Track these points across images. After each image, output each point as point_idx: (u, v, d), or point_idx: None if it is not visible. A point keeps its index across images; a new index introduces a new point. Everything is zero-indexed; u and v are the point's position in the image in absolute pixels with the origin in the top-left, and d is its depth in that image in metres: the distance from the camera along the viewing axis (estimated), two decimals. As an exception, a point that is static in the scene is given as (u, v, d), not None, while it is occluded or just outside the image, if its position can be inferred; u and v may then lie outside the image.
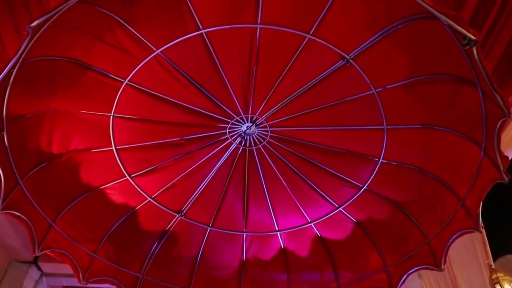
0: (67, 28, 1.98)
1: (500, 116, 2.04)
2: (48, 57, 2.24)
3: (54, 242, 3.14)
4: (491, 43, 2.65)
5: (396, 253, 3.40)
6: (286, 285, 3.97)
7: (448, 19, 1.77)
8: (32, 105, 2.47)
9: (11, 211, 2.70)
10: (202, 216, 3.78)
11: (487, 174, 2.45)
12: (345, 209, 3.54)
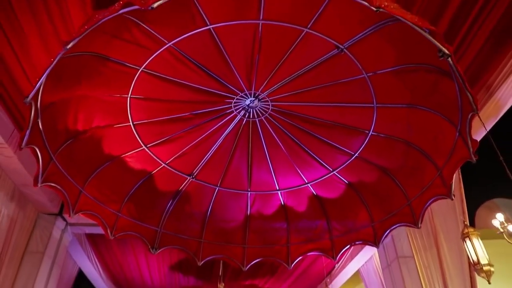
0: (89, 32, 2.24)
1: (470, 110, 2.37)
2: (74, 54, 2.51)
3: (85, 205, 3.62)
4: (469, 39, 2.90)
5: (382, 211, 3.89)
6: (286, 236, 4.54)
7: (426, 34, 2.02)
8: (60, 94, 2.78)
9: (48, 183, 3.14)
10: (211, 177, 4.23)
11: (460, 152, 2.82)
12: (338, 172, 3.97)
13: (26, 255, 5.24)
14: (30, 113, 2.50)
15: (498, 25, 3.28)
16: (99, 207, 3.78)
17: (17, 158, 4.42)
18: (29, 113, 2.51)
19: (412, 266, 5.20)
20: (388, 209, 3.82)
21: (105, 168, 3.69)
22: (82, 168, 3.53)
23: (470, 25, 3.30)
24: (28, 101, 2.34)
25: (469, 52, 3.47)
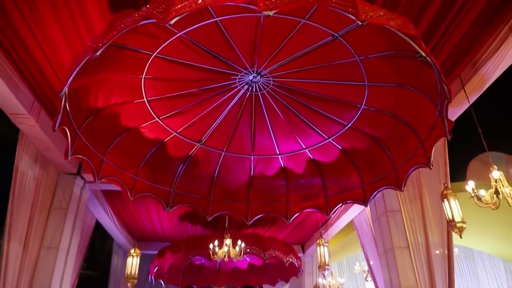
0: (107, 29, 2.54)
1: (446, 98, 2.72)
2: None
3: (107, 172, 4.08)
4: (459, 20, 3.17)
5: (371, 175, 4.35)
6: (285, 194, 5.06)
7: (407, 38, 2.31)
8: (83, 80, 3.11)
9: (76, 156, 3.57)
10: (217, 144, 4.65)
11: (439, 129, 3.21)
12: (333, 140, 4.38)
13: (51, 211, 5.80)
14: (60, 103, 2.87)
15: (487, 6, 3.51)
16: (119, 173, 4.25)
17: (39, 126, 4.83)
18: (59, 103, 2.87)
19: (399, 219, 5.77)
20: (377, 173, 4.28)
21: (123, 139, 4.11)
22: (102, 140, 3.94)
23: (460, 5, 3.52)
24: (61, 95, 2.70)
25: (458, 31, 3.73)
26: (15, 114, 4.54)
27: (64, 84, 2.68)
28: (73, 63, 2.65)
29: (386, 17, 2.30)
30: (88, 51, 2.44)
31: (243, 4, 2.17)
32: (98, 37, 2.52)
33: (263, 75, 3.82)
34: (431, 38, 3.85)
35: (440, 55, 4.03)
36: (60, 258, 5.67)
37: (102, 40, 2.39)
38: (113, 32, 2.36)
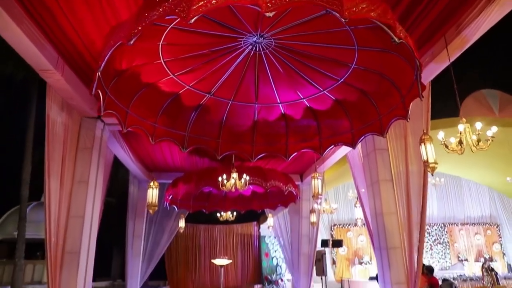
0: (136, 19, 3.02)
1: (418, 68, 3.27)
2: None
3: (131, 122, 4.75)
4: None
5: (359, 122, 5.01)
6: (285, 137, 5.77)
7: (384, 27, 2.80)
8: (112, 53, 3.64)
9: (107, 111, 4.20)
10: (225, 94, 5.23)
11: (415, 90, 3.79)
12: (328, 92, 4.96)
13: (78, 151, 6.57)
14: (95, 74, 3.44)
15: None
16: (142, 122, 4.92)
17: (64, 80, 5.38)
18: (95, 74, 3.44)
19: (386, 156, 6.56)
20: (364, 121, 4.94)
21: (143, 93, 4.70)
22: (126, 96, 4.54)
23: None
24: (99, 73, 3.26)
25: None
26: (43, 70, 5.08)
27: (101, 62, 3.23)
28: (105, 46, 3.19)
29: (367, 9, 2.78)
30: (122, 39, 2.95)
31: (248, 4, 2.63)
32: (129, 26, 3.01)
33: (265, 38, 4.29)
34: (420, 1, 4.25)
35: (428, 17, 4.45)
36: (89, 190, 6.56)
37: (133, 30, 2.89)
38: (141, 24, 2.86)
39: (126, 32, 2.97)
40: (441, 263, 20.73)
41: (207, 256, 20.13)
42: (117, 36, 3.05)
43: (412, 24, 4.63)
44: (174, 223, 12.64)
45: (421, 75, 3.47)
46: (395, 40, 2.93)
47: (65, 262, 6.03)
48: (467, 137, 4.16)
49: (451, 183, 22.40)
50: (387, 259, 6.27)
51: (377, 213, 6.57)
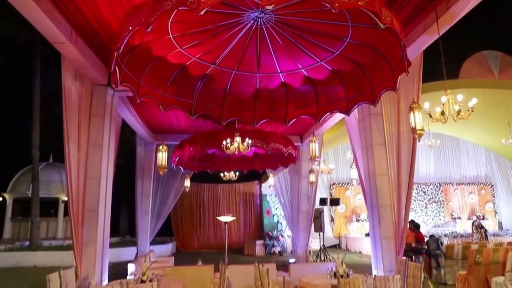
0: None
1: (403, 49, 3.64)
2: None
3: (144, 92, 5.16)
4: None
5: (354, 91, 5.41)
6: (285, 104, 6.19)
7: (371, 14, 3.13)
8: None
9: (123, 83, 4.61)
10: (229, 65, 5.60)
11: (403, 65, 4.17)
12: (325, 63, 5.32)
13: (91, 117, 7.02)
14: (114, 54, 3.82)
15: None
16: (153, 92, 5.34)
17: (77, 51, 5.73)
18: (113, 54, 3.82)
19: (380, 121, 6.99)
20: (358, 90, 5.34)
21: (153, 65, 5.08)
22: (138, 68, 4.93)
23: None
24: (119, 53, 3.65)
25: None
26: (58, 43, 5.42)
27: (120, 44, 3.61)
28: (123, 29, 3.55)
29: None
30: (140, 25, 3.32)
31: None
32: (146, 14, 3.36)
33: (266, 13, 4.60)
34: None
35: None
36: (103, 153, 7.08)
37: (150, 18, 3.26)
38: (157, 13, 3.23)
39: (143, 20, 3.33)
40: (435, 220, 21.72)
41: (210, 214, 21.12)
42: (135, 22, 3.42)
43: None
44: (180, 182, 13.30)
45: (407, 54, 3.84)
46: (380, 25, 3.28)
47: (85, 219, 6.67)
48: (450, 108, 4.58)
49: (450, 144, 22.96)
50: (377, 216, 6.88)
51: (370, 174, 7.11)
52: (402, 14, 5.38)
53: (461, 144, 23.15)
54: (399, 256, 6.46)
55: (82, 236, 6.61)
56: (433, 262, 9.06)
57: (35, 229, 15.28)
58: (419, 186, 22.08)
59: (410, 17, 5.41)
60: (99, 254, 6.79)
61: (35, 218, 15.39)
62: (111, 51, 5.14)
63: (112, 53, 3.98)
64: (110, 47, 6.27)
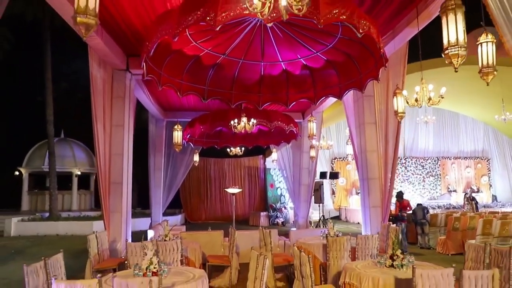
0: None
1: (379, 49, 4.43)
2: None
3: (164, 81, 5.98)
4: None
5: (345, 78, 6.20)
6: (286, 89, 6.99)
7: (351, 26, 3.90)
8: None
9: (148, 75, 5.44)
10: (237, 55, 6.36)
11: (382, 60, 4.95)
12: (320, 53, 6.08)
13: (113, 99, 7.88)
14: (143, 55, 4.62)
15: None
16: (171, 80, 6.16)
17: (103, 42, 6.54)
18: (143, 55, 4.63)
19: (372, 102, 7.82)
20: (349, 78, 6.13)
21: (172, 57, 5.88)
22: (159, 61, 5.72)
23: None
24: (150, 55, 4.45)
25: None
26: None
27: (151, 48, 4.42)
28: (151, 36, 4.36)
29: (338, 13, 3.88)
30: (167, 35, 4.13)
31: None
32: (172, 26, 4.15)
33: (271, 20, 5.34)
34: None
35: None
36: (124, 132, 7.98)
37: (176, 30, 4.06)
38: (182, 26, 4.02)
39: (170, 31, 4.14)
40: (432, 193, 22.72)
41: (217, 187, 22.23)
42: (163, 31, 4.22)
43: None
44: (189, 157, 14.27)
45: (384, 53, 4.62)
46: (357, 34, 4.07)
47: (111, 190, 7.65)
48: (424, 95, 5.39)
49: (449, 119, 23.66)
50: (367, 188, 7.81)
51: (362, 150, 7.99)
52: (389, 9, 6.11)
53: (460, 119, 23.82)
54: (384, 222, 7.42)
55: (109, 205, 7.60)
56: (419, 230, 10.06)
57: (54, 201, 16.41)
58: (417, 160, 22.98)
59: (395, 12, 6.13)
60: (124, 220, 7.81)
61: (53, 191, 16.50)
62: (129, 40, 6.25)
63: (142, 54, 4.80)
64: (129, 37, 7.09)
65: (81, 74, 23.02)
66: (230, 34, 5.75)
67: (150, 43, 4.60)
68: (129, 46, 7.54)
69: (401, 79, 6.74)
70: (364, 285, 3.97)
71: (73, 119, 22.28)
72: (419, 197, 21.06)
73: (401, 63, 6.70)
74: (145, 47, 4.86)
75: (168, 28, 4.24)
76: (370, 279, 3.97)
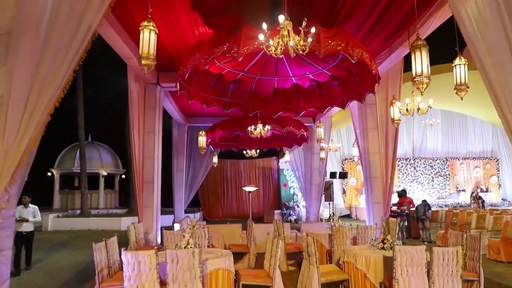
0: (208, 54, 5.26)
1: (371, 72, 5.42)
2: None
3: (193, 95, 7.09)
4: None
5: (348, 91, 7.20)
6: (296, 100, 8.03)
7: (347, 55, 4.91)
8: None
9: (181, 92, 6.55)
10: (254, 72, 7.44)
11: (378, 77, 5.94)
12: (326, 70, 7.10)
13: (146, 110, 9.03)
14: (178, 78, 5.73)
15: None
16: (198, 94, 7.26)
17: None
18: (178, 78, 5.74)
19: (374, 110, 8.78)
20: (351, 90, 7.13)
21: (199, 76, 6.98)
22: (189, 79, 6.83)
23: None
24: (185, 77, 5.55)
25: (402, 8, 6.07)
26: (127, 58, 7.37)
27: (185, 72, 5.52)
28: (186, 63, 5.45)
29: (335, 44, 4.90)
30: (199, 64, 5.23)
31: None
32: (203, 56, 5.23)
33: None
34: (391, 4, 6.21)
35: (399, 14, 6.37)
36: (155, 138, 9.12)
37: (206, 60, 5.14)
38: (211, 56, 5.10)
39: (202, 60, 5.23)
40: (441, 192, 23.37)
41: (233, 187, 23.35)
42: (196, 60, 5.33)
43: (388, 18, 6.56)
44: (208, 159, 15.39)
45: (376, 73, 5.63)
46: (352, 61, 5.09)
47: (144, 188, 8.79)
48: (413, 106, 6.37)
49: (458, 121, 24.27)
50: (370, 186, 8.78)
51: (365, 152, 8.96)
52: (385, 32, 7.08)
53: (468, 120, 24.38)
54: (385, 216, 8.38)
55: (142, 201, 8.74)
56: (420, 225, 10.94)
57: (85, 199, 17.78)
58: (426, 160, 23.67)
59: (391, 33, 7.10)
60: (155, 215, 8.95)
61: (84, 190, 17.88)
62: (160, 58, 7.49)
63: (177, 77, 5.95)
64: (161, 56, 8.22)
65: (104, 81, 24.52)
66: (248, 56, 6.81)
67: (185, 68, 5.70)
68: (159, 63, 8.66)
69: (397, 90, 7.71)
70: (358, 262, 4.97)
71: (97, 124, 23.73)
72: (428, 197, 21.75)
73: (398, 75, 7.67)
74: (180, 71, 5.97)
75: (200, 58, 5.34)
76: (364, 257, 4.97)
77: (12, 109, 3.38)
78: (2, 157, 3.37)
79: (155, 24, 4.43)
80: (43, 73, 3.45)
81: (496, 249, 7.77)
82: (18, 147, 3.40)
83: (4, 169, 3.36)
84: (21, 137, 3.40)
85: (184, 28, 7.09)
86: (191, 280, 4.10)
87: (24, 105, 3.41)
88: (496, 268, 7.34)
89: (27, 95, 3.42)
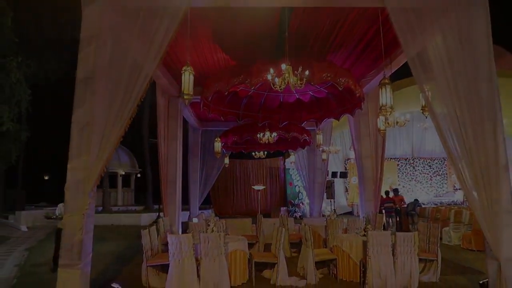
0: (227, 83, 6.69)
1: (356, 94, 6.81)
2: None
3: (212, 109, 8.53)
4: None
5: (341, 106, 8.60)
6: (300, 112, 9.44)
7: (334, 83, 6.29)
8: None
9: (204, 108, 7.99)
10: (263, 89, 8.86)
11: (363, 98, 7.31)
12: (323, 88, 8.49)
13: (169, 119, 10.47)
14: (204, 100, 7.18)
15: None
16: (216, 108, 8.71)
17: (167, 81, 9.13)
18: (204, 99, 7.19)
19: (366, 119, 10.13)
20: (344, 105, 8.53)
21: (217, 94, 8.41)
22: (208, 95, 8.27)
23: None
24: (209, 101, 6.99)
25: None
26: (156, 77, 8.83)
27: (208, 96, 6.95)
28: (210, 87, 6.88)
29: (326, 76, 6.30)
30: (220, 91, 6.65)
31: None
32: (224, 84, 6.65)
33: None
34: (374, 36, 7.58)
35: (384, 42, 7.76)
36: (178, 144, 10.57)
37: (226, 87, 6.56)
38: (230, 86, 6.53)
39: (222, 87, 6.67)
40: (438, 191, 24.60)
41: (242, 186, 24.81)
42: (217, 88, 6.78)
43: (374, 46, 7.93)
44: (220, 160, 16.85)
45: (361, 96, 7.02)
46: (339, 88, 6.48)
47: (168, 187, 10.26)
48: (394, 119, 7.73)
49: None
50: (363, 185, 10.16)
51: (359, 156, 10.33)
52: (372, 55, 8.45)
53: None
54: (375, 211, 9.76)
55: (167, 198, 10.22)
56: (410, 220, 12.30)
57: (106, 197, 19.36)
58: (425, 160, 24.90)
59: (377, 57, 8.47)
60: (177, 210, 10.42)
61: (106, 189, 19.45)
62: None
63: (201, 98, 7.39)
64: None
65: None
66: (255, 82, 8.24)
67: (208, 92, 7.13)
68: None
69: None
70: (344, 245, 6.39)
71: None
72: (425, 195, 23.00)
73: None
74: (203, 93, 7.41)
75: (221, 86, 6.79)
76: (348, 242, 6.39)
77: (95, 133, 4.86)
78: (90, 167, 4.87)
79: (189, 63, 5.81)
80: (115, 109, 4.93)
81: (469, 240, 9.11)
82: (99, 161, 4.87)
83: (91, 175, 4.86)
84: (102, 153, 4.88)
85: (205, 53, 8.52)
86: (218, 255, 5.55)
87: (102, 131, 4.89)
88: (467, 255, 8.70)
89: (105, 123, 4.89)
